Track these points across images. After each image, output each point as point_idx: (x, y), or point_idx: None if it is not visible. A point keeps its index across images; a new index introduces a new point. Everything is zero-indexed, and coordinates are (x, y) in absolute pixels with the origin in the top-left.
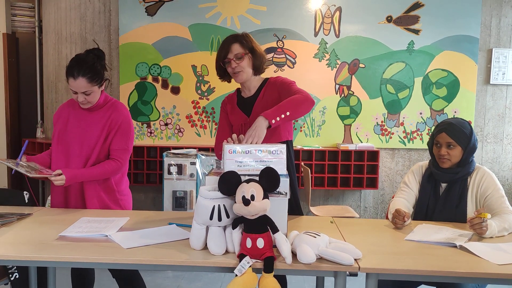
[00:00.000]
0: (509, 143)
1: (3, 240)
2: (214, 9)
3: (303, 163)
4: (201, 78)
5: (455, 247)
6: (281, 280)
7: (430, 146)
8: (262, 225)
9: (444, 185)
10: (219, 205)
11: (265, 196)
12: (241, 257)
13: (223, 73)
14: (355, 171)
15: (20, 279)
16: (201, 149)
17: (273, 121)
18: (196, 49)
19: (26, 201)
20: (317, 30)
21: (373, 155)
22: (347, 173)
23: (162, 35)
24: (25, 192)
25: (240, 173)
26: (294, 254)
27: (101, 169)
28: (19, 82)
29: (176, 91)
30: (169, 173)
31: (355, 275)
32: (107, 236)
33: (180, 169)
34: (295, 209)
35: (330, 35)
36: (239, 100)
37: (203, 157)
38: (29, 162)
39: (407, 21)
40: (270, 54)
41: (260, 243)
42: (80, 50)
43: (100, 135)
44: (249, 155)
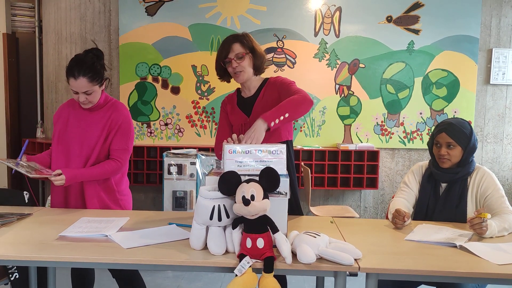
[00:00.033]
0: (509, 143)
1: (3, 240)
2: (214, 9)
3: (303, 163)
4: (201, 78)
5: (455, 247)
6: (281, 280)
7: (430, 146)
8: (262, 225)
9: (444, 185)
10: (219, 205)
11: (265, 196)
12: (241, 257)
13: (223, 73)
14: (355, 171)
15: (20, 279)
16: (201, 149)
17: (272, 123)
18: (196, 49)
19: (26, 201)
20: (317, 30)
21: (373, 155)
22: (347, 173)
23: (162, 35)
24: (25, 192)
25: (240, 173)
26: (294, 254)
27: (101, 169)
28: (19, 82)
29: (176, 91)
30: (169, 173)
31: (355, 275)
32: (107, 236)
33: (180, 169)
34: (295, 209)
35: (330, 35)
36: (239, 100)
37: (203, 157)
38: (29, 162)
39: (407, 21)
40: (270, 54)
41: (260, 243)
42: (80, 50)
43: (100, 135)
44: (249, 155)
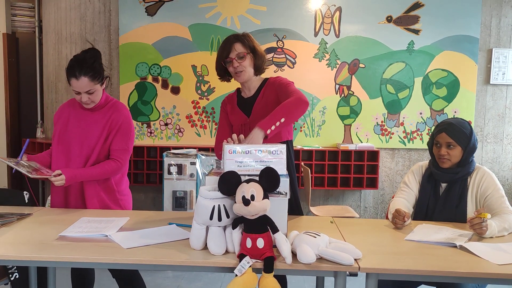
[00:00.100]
0: (509, 143)
1: (3, 240)
2: (214, 9)
3: (303, 163)
4: (201, 78)
5: (455, 247)
6: (281, 280)
7: (430, 146)
8: (262, 225)
9: (444, 185)
10: (219, 205)
11: (265, 196)
12: (241, 257)
13: (224, 73)
14: (355, 171)
15: (20, 279)
16: (201, 149)
17: (268, 131)
18: (196, 49)
19: (26, 201)
20: (317, 30)
21: (373, 155)
22: (347, 173)
23: (162, 35)
24: (25, 192)
25: (240, 173)
26: (294, 254)
27: (101, 169)
28: (19, 82)
29: (176, 91)
30: (169, 173)
31: (355, 275)
32: (107, 236)
33: (180, 169)
34: (295, 209)
35: (330, 35)
36: (239, 100)
37: (203, 157)
38: (29, 161)
39: (407, 21)
40: (270, 54)
41: (260, 243)
42: (80, 50)
43: (100, 135)
44: (249, 155)
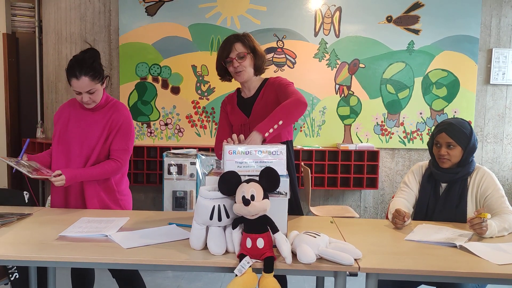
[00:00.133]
0: (509, 143)
1: (3, 240)
2: (214, 9)
3: (303, 163)
4: (201, 78)
5: (455, 247)
6: (281, 280)
7: (430, 146)
8: (262, 225)
9: (444, 185)
10: (219, 205)
11: (265, 196)
12: (241, 257)
13: (224, 73)
14: (355, 171)
15: (20, 279)
16: (201, 149)
17: (266, 134)
18: (196, 49)
19: (26, 201)
20: (317, 30)
21: (373, 155)
22: (347, 173)
23: (162, 35)
24: (25, 192)
25: (240, 173)
26: (294, 254)
27: (101, 169)
28: (19, 82)
29: (176, 91)
30: (169, 173)
31: (355, 275)
32: (107, 236)
33: (180, 169)
34: (295, 209)
35: (330, 35)
36: (239, 100)
37: (203, 157)
38: (30, 161)
39: (407, 21)
40: (270, 54)
41: (260, 243)
42: (80, 50)
43: (100, 136)
44: (249, 156)
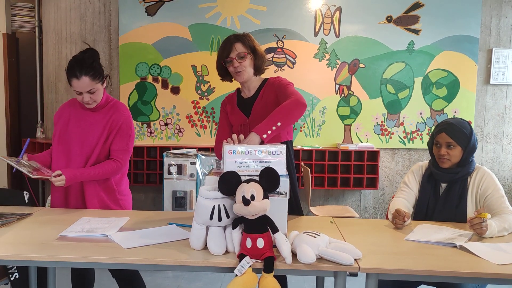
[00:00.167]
0: (509, 143)
1: (3, 240)
2: (214, 9)
3: (303, 163)
4: (201, 78)
5: (455, 247)
6: (281, 280)
7: (430, 146)
8: (262, 225)
9: (444, 185)
10: (219, 205)
11: (265, 196)
12: (241, 257)
13: (225, 73)
14: (355, 171)
15: (20, 279)
16: (201, 149)
17: (265, 135)
18: (196, 49)
19: (26, 201)
20: (317, 30)
21: (373, 155)
22: (347, 173)
23: (162, 35)
24: (25, 192)
25: (240, 173)
26: (294, 254)
27: (101, 169)
28: (19, 82)
29: (176, 91)
30: (169, 173)
31: (355, 275)
32: (107, 236)
33: (180, 169)
34: (295, 209)
35: (330, 35)
36: (239, 100)
37: (203, 157)
38: (30, 161)
39: (407, 21)
40: (270, 54)
41: (260, 243)
42: (80, 50)
43: (100, 136)
44: (249, 156)
